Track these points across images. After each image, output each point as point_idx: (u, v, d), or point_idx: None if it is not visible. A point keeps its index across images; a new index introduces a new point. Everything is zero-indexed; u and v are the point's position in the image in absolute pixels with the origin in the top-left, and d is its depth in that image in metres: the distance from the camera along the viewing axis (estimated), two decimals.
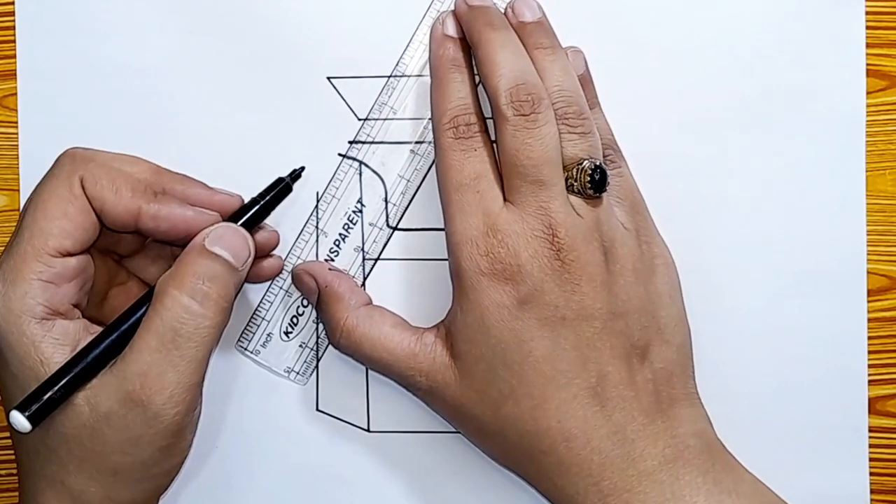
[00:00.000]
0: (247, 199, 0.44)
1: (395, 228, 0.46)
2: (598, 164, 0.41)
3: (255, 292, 0.46)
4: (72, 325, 0.40)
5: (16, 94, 0.47)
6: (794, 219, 0.46)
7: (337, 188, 0.46)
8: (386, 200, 0.46)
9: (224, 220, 0.43)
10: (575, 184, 0.41)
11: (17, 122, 0.47)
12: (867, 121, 0.46)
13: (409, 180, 0.46)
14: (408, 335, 0.43)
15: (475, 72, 0.44)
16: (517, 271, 0.40)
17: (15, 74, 0.47)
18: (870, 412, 0.46)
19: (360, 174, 0.46)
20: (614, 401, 0.40)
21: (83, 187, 0.41)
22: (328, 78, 0.46)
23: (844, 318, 0.46)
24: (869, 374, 0.46)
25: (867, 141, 0.46)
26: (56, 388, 0.39)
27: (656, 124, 0.46)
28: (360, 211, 0.46)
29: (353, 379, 0.46)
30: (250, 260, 0.42)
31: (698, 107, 0.46)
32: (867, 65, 0.46)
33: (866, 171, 0.46)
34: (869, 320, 0.46)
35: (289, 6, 0.46)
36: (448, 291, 0.43)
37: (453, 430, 0.45)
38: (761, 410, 0.46)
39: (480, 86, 0.43)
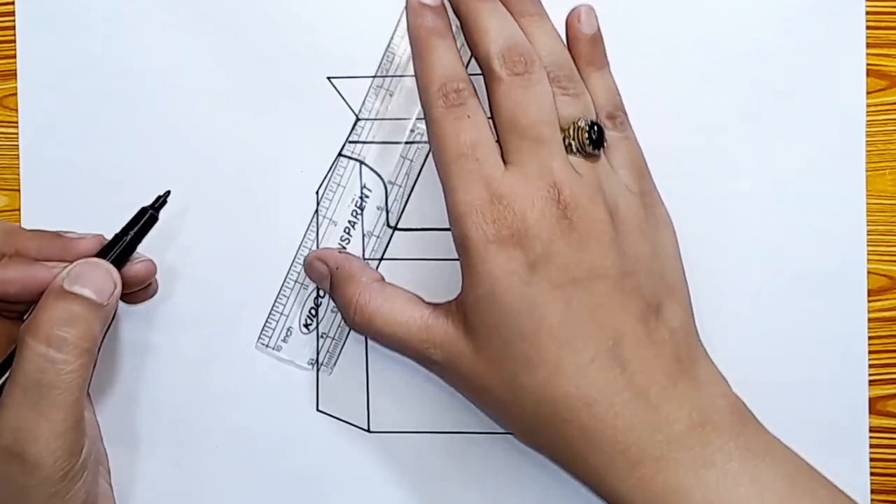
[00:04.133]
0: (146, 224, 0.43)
1: (396, 228, 0.46)
2: (593, 120, 0.41)
3: (269, 289, 0.46)
4: None
5: (16, 94, 0.47)
6: (795, 219, 0.46)
7: (338, 183, 0.46)
8: (386, 193, 0.46)
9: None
10: (573, 143, 0.41)
11: (17, 122, 0.47)
12: (867, 121, 0.46)
13: (412, 160, 0.46)
14: (420, 308, 0.42)
15: (458, 43, 0.43)
16: (525, 235, 0.40)
17: (15, 74, 0.47)
18: (870, 412, 0.46)
19: (360, 172, 0.46)
20: (634, 363, 0.39)
21: None
22: (328, 78, 0.46)
23: (844, 318, 0.46)
24: (869, 374, 0.46)
25: (867, 141, 0.46)
26: None
27: (655, 124, 0.46)
28: (362, 208, 0.46)
29: (353, 379, 0.46)
30: (117, 292, 0.41)
31: (698, 107, 0.46)
32: (867, 65, 0.46)
33: (866, 171, 0.46)
34: (869, 320, 0.46)
35: (289, 6, 0.46)
36: (448, 290, 0.43)
37: (453, 430, 0.45)
38: (761, 410, 0.45)
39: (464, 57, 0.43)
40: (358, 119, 0.46)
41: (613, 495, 0.39)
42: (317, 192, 0.46)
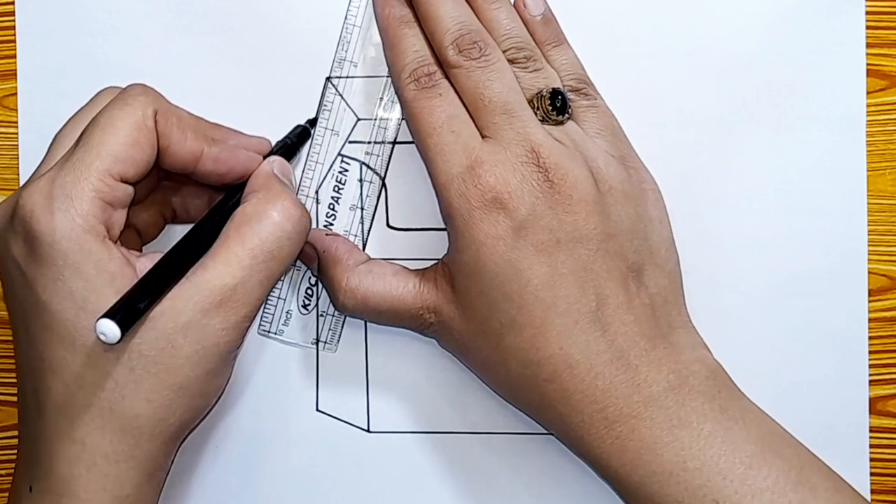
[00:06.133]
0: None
1: (395, 228, 0.46)
2: (554, 87, 0.42)
3: None
4: (124, 249, 0.40)
5: (16, 94, 0.47)
6: (794, 219, 0.46)
7: (338, 183, 0.46)
8: (385, 193, 0.46)
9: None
10: (538, 113, 0.42)
11: (17, 122, 0.47)
12: (867, 121, 0.46)
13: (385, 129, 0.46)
14: (411, 278, 0.43)
15: None
16: (509, 198, 0.40)
17: (15, 74, 0.47)
18: (870, 412, 0.46)
19: (361, 172, 0.46)
20: (615, 325, 0.40)
21: (155, 121, 0.40)
22: (328, 78, 0.46)
23: (845, 318, 0.46)
24: (869, 374, 0.46)
25: (867, 141, 0.46)
26: (143, 293, 0.38)
27: (655, 124, 0.46)
28: (362, 208, 0.46)
29: (353, 379, 0.46)
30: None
31: (698, 107, 0.46)
32: (867, 65, 0.46)
33: (866, 171, 0.46)
34: (869, 320, 0.46)
35: (289, 6, 0.46)
36: None
37: (453, 430, 0.45)
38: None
39: None
40: (358, 119, 0.46)
41: (591, 453, 0.40)
42: (317, 192, 0.46)
